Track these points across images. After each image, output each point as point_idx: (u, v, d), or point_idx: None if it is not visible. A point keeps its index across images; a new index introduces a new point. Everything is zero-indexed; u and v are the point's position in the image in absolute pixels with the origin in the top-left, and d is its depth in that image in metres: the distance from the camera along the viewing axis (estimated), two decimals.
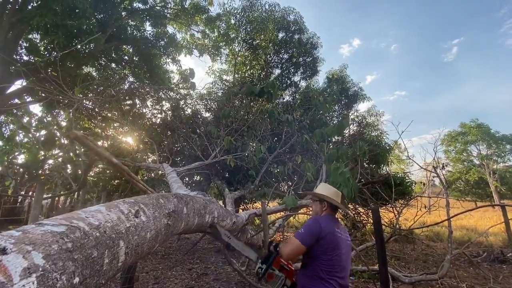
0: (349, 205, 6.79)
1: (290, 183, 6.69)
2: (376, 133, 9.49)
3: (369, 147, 5.60)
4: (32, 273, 0.67)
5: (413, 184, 7.66)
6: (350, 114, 9.34)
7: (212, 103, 8.73)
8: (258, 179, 6.52)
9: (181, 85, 11.45)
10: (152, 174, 8.46)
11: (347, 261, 1.51)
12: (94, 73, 11.18)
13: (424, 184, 9.11)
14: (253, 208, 7.04)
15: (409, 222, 7.33)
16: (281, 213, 4.46)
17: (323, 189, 1.71)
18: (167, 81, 11.21)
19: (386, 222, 6.57)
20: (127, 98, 9.71)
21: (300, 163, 4.81)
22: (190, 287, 4.20)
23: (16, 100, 9.32)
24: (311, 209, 1.75)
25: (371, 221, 7.85)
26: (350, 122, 9.04)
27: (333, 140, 8.77)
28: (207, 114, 8.56)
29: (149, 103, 10.09)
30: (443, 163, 8.84)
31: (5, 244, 0.67)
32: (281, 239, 8.60)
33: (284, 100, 8.86)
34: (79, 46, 8.50)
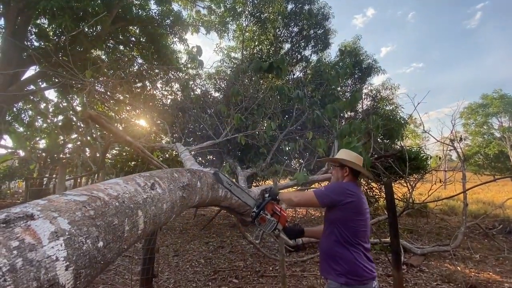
0: (362, 180, 6.78)
1: (302, 161, 6.70)
2: (390, 107, 9.19)
3: (383, 122, 5.46)
4: (59, 236, 0.72)
5: (429, 159, 7.50)
6: (363, 88, 9.02)
7: (221, 82, 8.63)
8: (269, 157, 6.57)
9: (189, 65, 11.32)
10: (167, 155, 8.67)
11: (369, 226, 1.54)
12: (103, 57, 11.20)
13: (440, 158, 8.89)
14: (265, 185, 7.16)
15: (423, 197, 7.27)
16: (293, 188, 4.52)
17: (344, 154, 1.67)
18: (175, 62, 11.09)
19: (399, 197, 6.55)
20: (137, 80, 9.75)
21: (311, 139, 4.77)
22: (208, 258, 4.44)
23: (32, 87, 9.56)
24: (323, 184, 1.75)
25: (384, 196, 7.87)
26: (363, 97, 8.77)
27: (346, 116, 8.58)
28: (217, 94, 8.50)
29: (159, 84, 10.11)
30: (461, 136, 8.52)
31: (33, 211, 0.72)
32: (294, 214, 8.79)
33: (294, 76, 8.62)
34: (86, 28, 8.46)
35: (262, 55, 9.25)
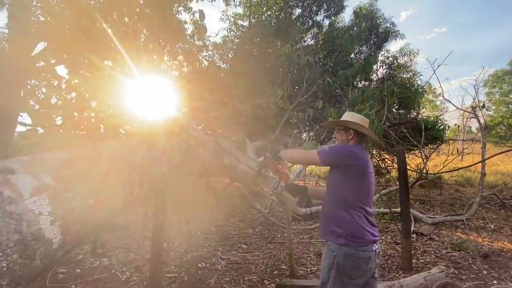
0: (373, 151, 6.62)
1: (312, 134, 6.56)
2: (408, 75, 8.66)
3: (399, 89, 5.14)
4: (43, 191, 0.69)
5: (446, 129, 7.16)
6: (379, 55, 8.47)
7: (228, 53, 8.32)
8: (278, 129, 6.46)
9: (196, 36, 10.94)
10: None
11: (373, 191, 1.48)
12: (109, 30, 10.97)
13: (458, 128, 8.47)
14: None
15: (437, 168, 7.07)
16: None
17: (349, 116, 1.59)
18: (181, 32, 10.73)
19: (412, 168, 6.38)
20: (143, 54, 9.57)
21: (322, 109, 4.59)
22: (219, 226, 4.60)
23: (42, 63, 9.62)
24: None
25: (396, 167, 7.70)
26: (379, 64, 8.27)
27: (359, 86, 8.18)
28: (224, 65, 8.24)
29: (166, 57, 9.89)
30: (484, 102, 8.02)
31: (14, 166, 0.69)
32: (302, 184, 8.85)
33: (305, 44, 8.16)
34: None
35: (271, 22, 8.73)
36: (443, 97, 5.29)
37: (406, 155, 4.80)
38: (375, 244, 1.38)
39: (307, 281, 2.52)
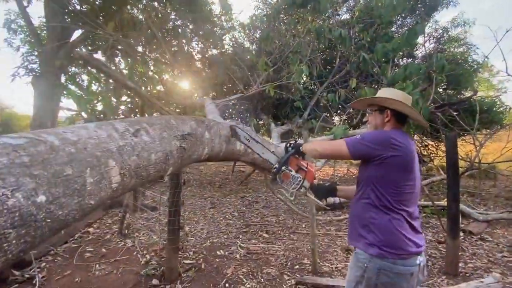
0: (414, 136, 5.91)
1: (345, 117, 6.04)
2: (461, 49, 7.50)
3: (450, 65, 4.39)
4: None
5: (507, 111, 6.12)
6: (426, 27, 7.40)
7: (255, 32, 7.93)
8: (307, 112, 6.06)
9: (223, 17, 10.64)
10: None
11: (418, 188, 1.16)
12: (140, 16, 11.09)
13: None
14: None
15: (492, 156, 6.15)
16: None
17: (385, 92, 1.25)
18: (209, 14, 10.48)
19: (461, 155, 5.61)
20: (173, 38, 9.53)
21: (355, 89, 4.12)
22: (241, 212, 4.51)
23: (79, 50, 10.10)
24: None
25: (441, 155, 6.87)
26: (425, 38, 7.25)
27: (401, 63, 7.29)
28: (251, 46, 7.89)
29: (194, 42, 9.78)
30: None
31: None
32: (332, 173, 8.41)
33: (340, 18, 7.42)
34: None
35: None
36: (506, 73, 4.39)
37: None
38: (419, 257, 1.09)
39: (331, 280, 2.29)
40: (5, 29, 8.51)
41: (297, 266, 2.61)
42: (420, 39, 6.31)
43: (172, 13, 11.31)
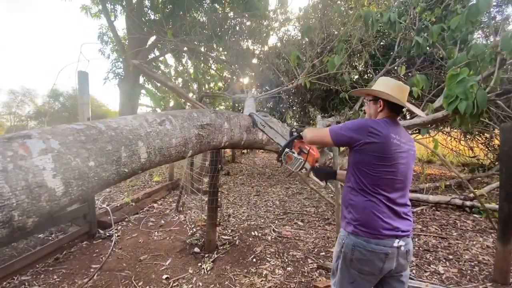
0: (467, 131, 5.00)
1: None
2: None
3: None
4: (48, 152, 0.91)
5: None
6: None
7: (309, 22, 7.80)
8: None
9: (279, 11, 10.74)
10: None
11: (405, 176, 1.18)
12: (204, 19, 12.12)
13: None
14: None
15: None
16: None
17: (380, 83, 1.29)
18: (263, 9, 10.72)
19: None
20: (232, 37, 10.15)
21: (405, 76, 3.77)
22: (283, 201, 4.71)
23: (155, 52, 11.72)
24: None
25: (490, 148, 5.56)
26: (493, 13, 5.93)
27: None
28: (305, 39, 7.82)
29: (250, 39, 10.21)
30: None
31: (32, 133, 0.93)
32: None
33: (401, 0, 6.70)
34: None
35: None
36: None
37: None
38: (398, 240, 1.13)
39: None
40: (99, 40, 10.49)
41: (323, 253, 2.69)
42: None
43: (230, 12, 11.98)
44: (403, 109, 1.37)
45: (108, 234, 3.13)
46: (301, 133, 1.48)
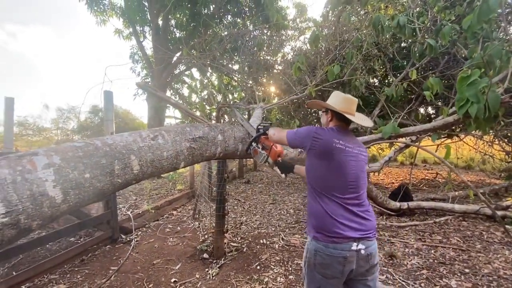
0: (485, 137, 4.52)
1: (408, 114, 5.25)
2: None
3: None
4: (50, 166, 1.11)
5: None
6: None
7: (328, 29, 7.82)
8: (377, 109, 5.66)
9: (298, 19, 10.90)
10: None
11: (357, 178, 1.22)
12: (225, 33, 12.71)
13: None
14: None
15: None
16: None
17: (331, 96, 1.41)
18: (281, 19, 10.93)
19: None
20: (253, 49, 10.51)
21: (419, 80, 3.62)
22: (298, 209, 4.69)
23: (178, 70, 12.49)
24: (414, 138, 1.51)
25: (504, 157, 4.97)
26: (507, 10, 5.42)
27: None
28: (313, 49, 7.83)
29: (269, 50, 10.47)
30: None
31: (39, 150, 1.14)
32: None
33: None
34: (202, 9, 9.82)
35: None
36: None
37: None
38: (356, 243, 1.14)
39: None
40: (130, 59, 11.44)
41: None
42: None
43: (251, 25, 12.40)
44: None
45: (128, 239, 3.40)
46: (267, 131, 1.63)
